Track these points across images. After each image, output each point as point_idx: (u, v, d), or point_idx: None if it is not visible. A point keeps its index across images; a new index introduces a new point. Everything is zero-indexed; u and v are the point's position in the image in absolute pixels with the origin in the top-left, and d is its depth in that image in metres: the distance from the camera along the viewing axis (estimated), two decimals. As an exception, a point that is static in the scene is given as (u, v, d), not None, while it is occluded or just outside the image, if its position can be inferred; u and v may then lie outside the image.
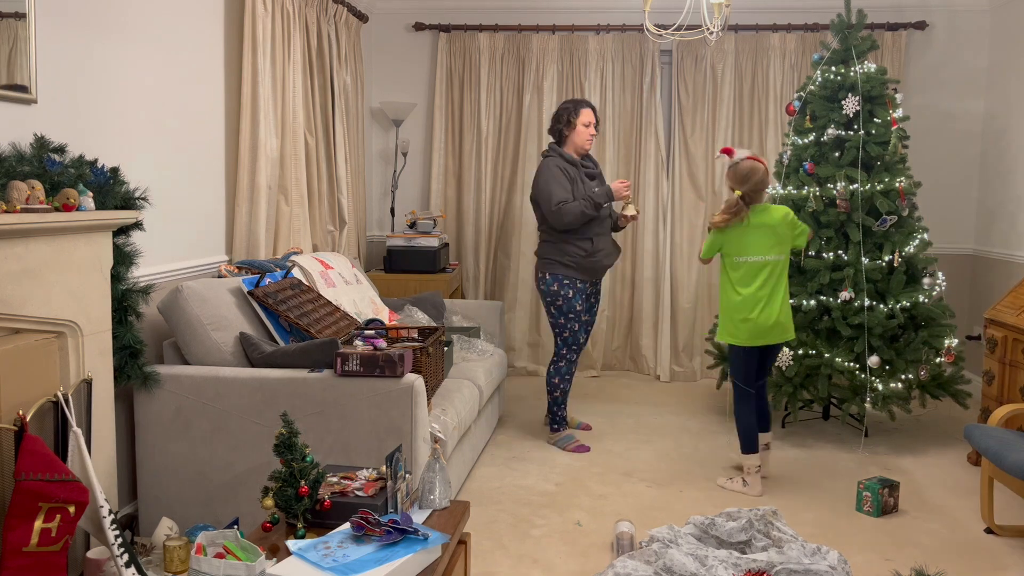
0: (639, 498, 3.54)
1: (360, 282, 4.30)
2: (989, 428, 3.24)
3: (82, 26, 2.78)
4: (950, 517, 3.40)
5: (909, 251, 4.22)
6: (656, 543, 2.74)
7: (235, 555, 1.81)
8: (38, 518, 1.99)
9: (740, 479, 3.65)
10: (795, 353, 4.20)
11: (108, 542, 2.05)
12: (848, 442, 4.31)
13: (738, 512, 2.87)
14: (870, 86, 4.29)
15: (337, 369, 2.83)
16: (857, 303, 4.13)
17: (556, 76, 5.58)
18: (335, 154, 4.81)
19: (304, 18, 4.37)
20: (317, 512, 2.09)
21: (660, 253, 5.62)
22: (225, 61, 3.75)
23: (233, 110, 3.82)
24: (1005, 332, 3.94)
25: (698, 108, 5.55)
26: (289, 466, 2.05)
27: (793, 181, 4.45)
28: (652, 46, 5.48)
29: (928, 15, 5.38)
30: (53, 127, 2.60)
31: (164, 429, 2.93)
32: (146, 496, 2.97)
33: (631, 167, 5.66)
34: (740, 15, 5.32)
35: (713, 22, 3.97)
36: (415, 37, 5.71)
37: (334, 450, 2.84)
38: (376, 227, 5.83)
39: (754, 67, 5.50)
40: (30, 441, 2.00)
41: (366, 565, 1.82)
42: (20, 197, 2.19)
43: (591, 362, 5.71)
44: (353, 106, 5.15)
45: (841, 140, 4.33)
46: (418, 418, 2.84)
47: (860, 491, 3.45)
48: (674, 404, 5.06)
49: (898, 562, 2.95)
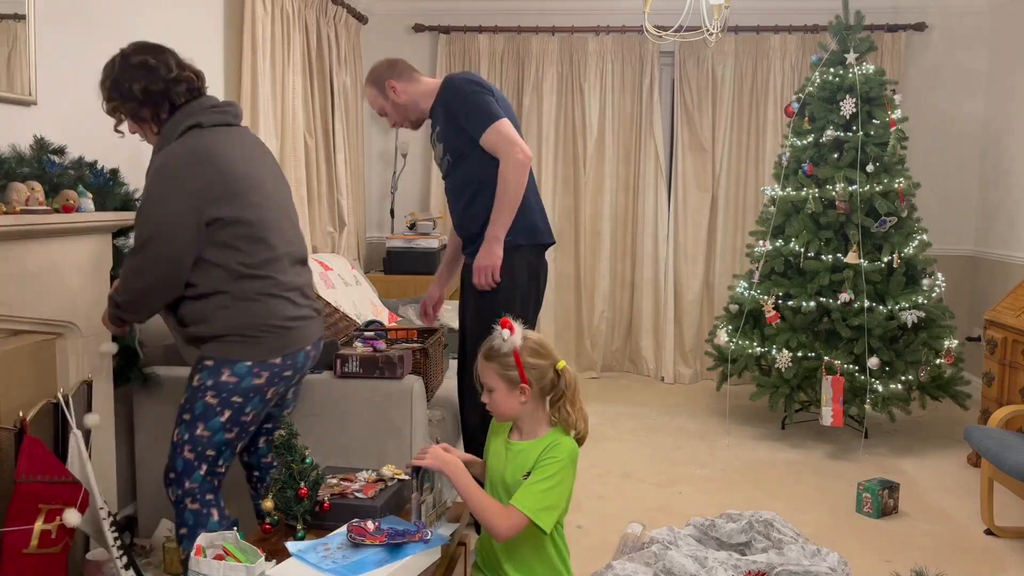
0: (639, 499, 3.54)
1: (360, 283, 4.30)
2: (989, 429, 3.24)
3: (82, 27, 2.78)
4: (950, 518, 3.39)
5: (908, 252, 4.22)
6: (656, 544, 2.73)
7: (234, 557, 1.81)
8: (38, 520, 1.99)
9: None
10: (794, 355, 4.20)
11: (107, 544, 2.05)
12: (848, 444, 4.31)
13: (739, 514, 2.86)
14: (868, 87, 4.29)
15: (336, 370, 2.82)
16: (857, 304, 4.13)
17: (556, 77, 5.58)
18: (335, 155, 4.81)
19: (304, 20, 4.37)
20: (316, 514, 2.09)
21: (661, 254, 5.62)
22: (225, 62, 3.75)
23: (233, 111, 3.81)
24: (1005, 333, 3.94)
25: (702, 108, 5.55)
26: (288, 468, 2.05)
27: (792, 183, 4.45)
28: (652, 47, 5.48)
29: (927, 16, 5.38)
30: (53, 128, 2.60)
31: (164, 430, 2.92)
32: (145, 498, 2.96)
33: (630, 168, 5.66)
34: (741, 16, 5.32)
35: (712, 23, 3.98)
36: (415, 39, 5.71)
37: (334, 452, 2.83)
38: (376, 228, 5.83)
39: (754, 68, 5.50)
40: (30, 443, 2.00)
41: (366, 566, 1.82)
42: (20, 199, 2.19)
43: (591, 363, 5.71)
44: (353, 107, 5.15)
45: (840, 141, 4.33)
46: (417, 420, 2.83)
47: (860, 492, 3.45)
48: (674, 405, 5.05)
49: (898, 563, 2.95)
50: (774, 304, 4.33)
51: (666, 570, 2.56)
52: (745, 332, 4.43)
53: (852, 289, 4.14)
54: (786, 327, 4.28)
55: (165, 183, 2.15)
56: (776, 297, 4.34)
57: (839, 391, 4.00)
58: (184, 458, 2.25)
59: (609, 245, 5.65)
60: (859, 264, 4.16)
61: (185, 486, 2.26)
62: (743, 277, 4.63)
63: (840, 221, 4.27)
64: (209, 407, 2.23)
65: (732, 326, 4.53)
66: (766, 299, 4.34)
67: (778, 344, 4.25)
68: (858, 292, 4.14)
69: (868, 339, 4.10)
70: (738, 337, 4.42)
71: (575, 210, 5.68)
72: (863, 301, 4.12)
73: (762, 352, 4.32)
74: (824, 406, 4.02)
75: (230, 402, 2.23)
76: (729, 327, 4.57)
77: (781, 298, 4.35)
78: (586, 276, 5.69)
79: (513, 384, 1.97)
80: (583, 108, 5.58)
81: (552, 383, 1.98)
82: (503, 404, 1.99)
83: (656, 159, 5.58)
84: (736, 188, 5.58)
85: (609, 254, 5.66)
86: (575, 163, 5.64)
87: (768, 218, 4.52)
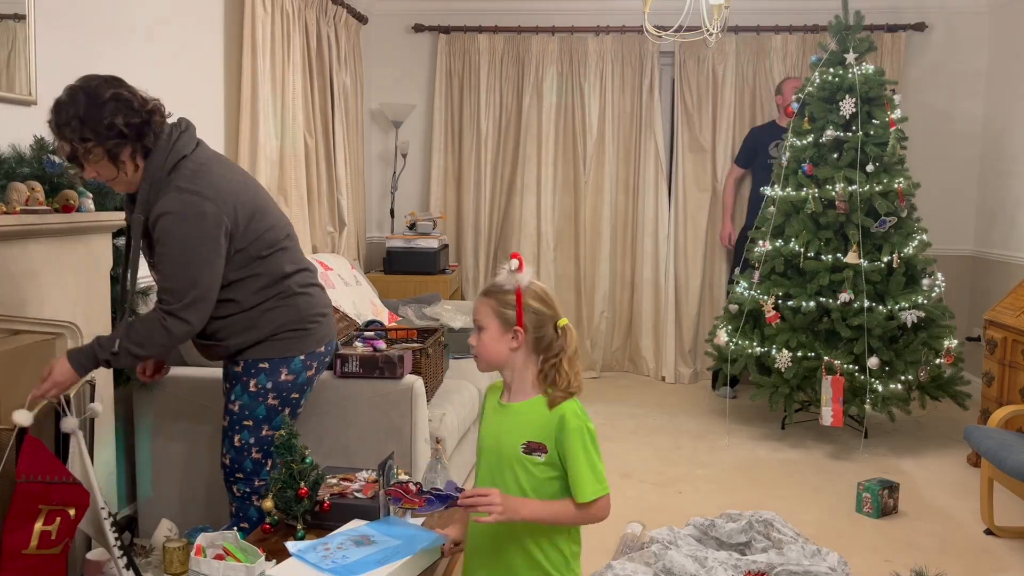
0: (639, 499, 3.54)
1: (359, 283, 4.30)
2: (989, 429, 3.24)
3: (82, 27, 2.78)
4: (950, 518, 3.39)
5: (908, 252, 4.22)
6: (656, 544, 2.73)
7: (234, 556, 1.81)
8: (38, 520, 1.99)
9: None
10: (794, 355, 4.19)
11: (108, 544, 2.05)
12: (848, 444, 4.31)
13: (739, 514, 2.86)
14: (868, 87, 4.29)
15: (336, 370, 2.82)
16: (856, 304, 4.13)
17: (556, 77, 5.58)
18: (335, 155, 4.81)
19: (304, 19, 4.37)
20: (316, 513, 2.09)
21: (661, 254, 5.62)
22: (225, 62, 3.75)
23: (233, 111, 3.82)
24: (1005, 333, 3.94)
25: (702, 109, 5.55)
26: (289, 468, 2.05)
27: (792, 183, 4.45)
28: (652, 47, 5.48)
29: (927, 17, 5.38)
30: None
31: (164, 430, 2.92)
32: (145, 498, 2.96)
33: (630, 168, 5.66)
34: (741, 17, 5.32)
35: (712, 23, 3.97)
36: (415, 38, 5.71)
37: (334, 451, 2.84)
38: (376, 228, 5.83)
39: (755, 68, 5.50)
40: (30, 443, 2.00)
41: (366, 566, 1.82)
42: (20, 198, 2.19)
43: (591, 363, 5.71)
44: (353, 107, 5.15)
45: (840, 141, 4.33)
46: (418, 419, 2.83)
47: (860, 492, 3.45)
48: (674, 405, 5.05)
49: (898, 563, 2.95)
50: (774, 304, 4.33)
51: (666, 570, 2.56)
52: (745, 332, 4.43)
53: (852, 289, 4.14)
54: (786, 327, 4.28)
55: (192, 229, 2.08)
56: (776, 297, 4.34)
57: (839, 391, 4.00)
58: (253, 459, 2.33)
59: (609, 245, 5.65)
60: (859, 264, 4.16)
61: (255, 484, 2.35)
62: (743, 277, 4.63)
63: (840, 221, 4.27)
64: (272, 409, 2.31)
65: (732, 326, 4.53)
66: (766, 299, 4.34)
67: (778, 344, 4.25)
68: (858, 292, 4.13)
69: (868, 339, 4.09)
70: (738, 337, 4.42)
71: (575, 210, 5.68)
72: (863, 301, 4.11)
73: (762, 352, 4.32)
74: (824, 406, 4.02)
75: (290, 399, 2.33)
76: (729, 327, 4.57)
77: (781, 298, 4.34)
78: (586, 276, 5.69)
79: (507, 326, 1.79)
80: (583, 108, 5.58)
81: (550, 340, 1.80)
82: (491, 347, 1.80)
83: (656, 159, 5.57)
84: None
85: (609, 254, 5.66)
86: (575, 163, 5.64)
87: (768, 218, 4.52)
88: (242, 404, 2.30)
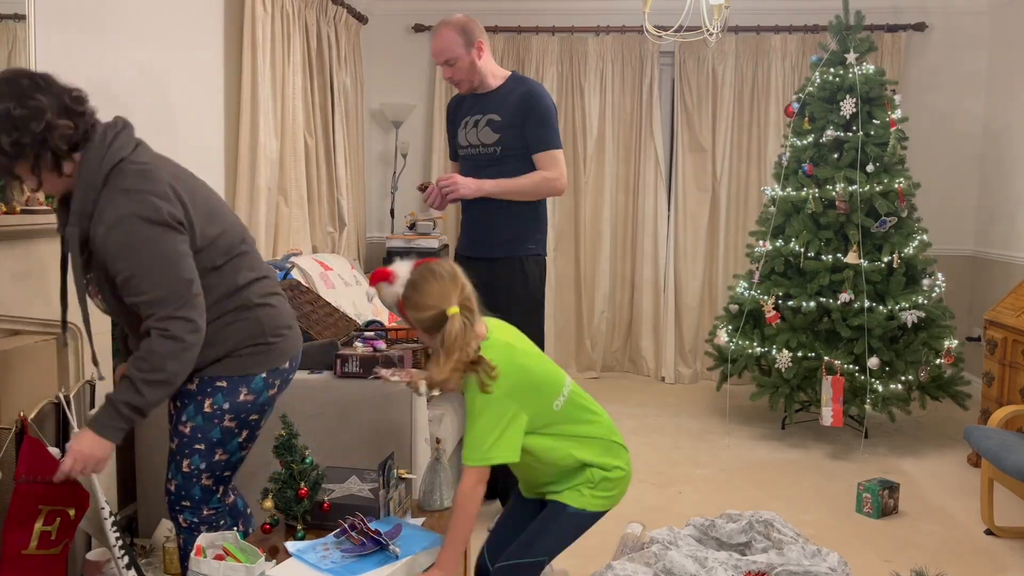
0: (639, 499, 3.54)
1: (360, 283, 4.30)
2: (989, 429, 3.24)
3: (81, 27, 2.77)
4: (950, 518, 3.39)
5: (908, 252, 4.22)
6: (656, 545, 2.73)
7: (234, 557, 1.81)
8: (38, 520, 1.99)
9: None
10: (794, 355, 4.19)
11: (109, 544, 2.05)
12: (848, 444, 4.31)
13: (739, 514, 2.86)
14: (868, 87, 4.29)
15: (336, 370, 2.82)
16: (857, 304, 4.13)
17: (556, 77, 5.58)
18: (335, 155, 4.81)
19: (304, 19, 4.37)
20: (316, 514, 2.09)
21: (661, 254, 5.62)
22: (225, 62, 3.75)
23: (233, 111, 3.82)
24: (1005, 333, 3.94)
25: (702, 109, 5.54)
26: (289, 468, 2.05)
27: (792, 183, 4.45)
28: (652, 47, 5.48)
29: (927, 17, 5.38)
30: (53, 129, 2.59)
31: (164, 430, 2.92)
32: (145, 498, 2.96)
33: (630, 168, 5.66)
34: (741, 16, 5.32)
35: (712, 23, 3.97)
36: (415, 38, 5.71)
37: (334, 451, 2.83)
38: (376, 228, 5.82)
39: (755, 68, 5.50)
40: (30, 443, 2.00)
41: (366, 566, 1.82)
42: (20, 198, 2.19)
43: (591, 363, 5.71)
44: (353, 107, 5.15)
45: (840, 141, 4.33)
46: (418, 419, 2.83)
47: (860, 492, 3.45)
48: (674, 405, 5.05)
49: (898, 564, 2.95)
50: (774, 304, 4.33)
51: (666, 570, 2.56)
52: (745, 332, 4.43)
53: (852, 289, 4.14)
54: (786, 327, 4.28)
55: (154, 228, 1.86)
56: (776, 297, 4.35)
57: (839, 391, 4.00)
58: (202, 486, 2.09)
59: (609, 245, 5.65)
60: (859, 264, 4.16)
61: (203, 514, 2.11)
62: (743, 277, 4.63)
63: (840, 221, 4.27)
64: (227, 431, 2.07)
65: (732, 326, 4.54)
66: (766, 299, 4.34)
67: (778, 344, 4.25)
68: (858, 292, 4.14)
69: (868, 339, 4.10)
70: (738, 337, 4.42)
71: (575, 210, 5.67)
72: (863, 301, 4.12)
73: (762, 352, 4.32)
74: (824, 406, 4.02)
75: (248, 421, 2.10)
76: (729, 327, 4.57)
77: (781, 298, 4.35)
78: (586, 276, 5.69)
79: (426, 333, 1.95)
80: (583, 108, 5.58)
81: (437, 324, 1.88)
82: (433, 369, 1.90)
83: (656, 159, 5.57)
84: (736, 188, 5.58)
85: (609, 254, 5.66)
86: (575, 163, 5.63)
87: (768, 218, 4.52)
88: (195, 426, 2.06)
